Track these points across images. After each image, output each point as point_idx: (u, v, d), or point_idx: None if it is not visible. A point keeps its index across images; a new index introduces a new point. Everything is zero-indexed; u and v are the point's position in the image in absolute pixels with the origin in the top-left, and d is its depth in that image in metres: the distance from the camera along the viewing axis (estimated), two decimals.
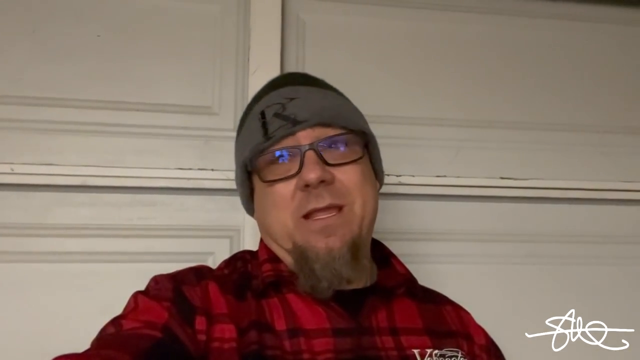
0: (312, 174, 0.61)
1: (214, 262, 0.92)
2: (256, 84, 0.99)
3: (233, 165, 0.97)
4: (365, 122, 0.71)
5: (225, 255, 0.96)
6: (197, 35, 1.03)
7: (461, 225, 1.06)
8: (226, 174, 0.97)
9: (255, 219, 0.74)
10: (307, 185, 0.61)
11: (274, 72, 1.00)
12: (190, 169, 0.97)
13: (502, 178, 1.07)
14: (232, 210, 0.98)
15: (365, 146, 0.68)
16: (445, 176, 1.05)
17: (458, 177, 1.06)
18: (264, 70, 1.00)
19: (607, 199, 1.10)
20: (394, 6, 1.11)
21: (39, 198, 0.94)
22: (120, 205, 0.96)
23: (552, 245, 1.09)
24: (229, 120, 1.01)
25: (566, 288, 1.06)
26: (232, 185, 0.96)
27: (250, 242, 0.95)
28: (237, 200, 0.97)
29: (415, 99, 1.08)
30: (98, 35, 0.99)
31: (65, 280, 0.92)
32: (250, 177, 0.70)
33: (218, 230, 0.98)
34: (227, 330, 0.60)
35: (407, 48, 1.11)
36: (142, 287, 0.63)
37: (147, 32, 1.01)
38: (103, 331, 0.57)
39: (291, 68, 1.04)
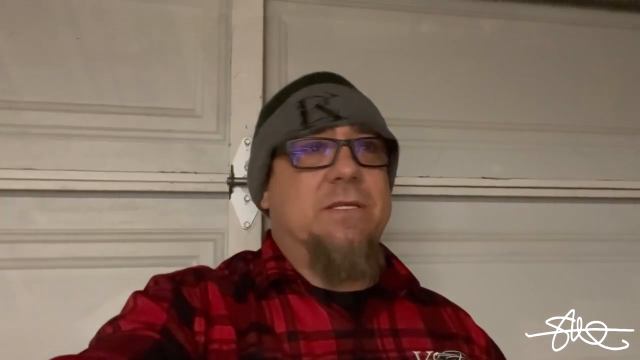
0: (347, 168, 0.62)
1: None
2: (238, 86, 1.00)
3: (215, 168, 0.98)
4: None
5: (209, 258, 0.96)
6: (178, 37, 1.02)
7: (444, 225, 1.07)
8: (209, 176, 0.96)
9: (268, 206, 0.74)
10: (338, 178, 0.63)
11: (256, 75, 1.00)
12: (172, 172, 0.96)
13: (483, 178, 1.09)
14: (216, 214, 0.98)
15: (388, 155, 0.71)
16: (428, 176, 1.06)
17: (441, 177, 1.07)
18: (246, 72, 1.00)
19: (587, 197, 1.12)
20: (375, 9, 1.12)
21: (17, 203, 0.92)
22: (102, 209, 0.94)
23: (535, 243, 1.10)
24: (212, 122, 1.01)
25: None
26: (216, 188, 0.97)
27: (234, 245, 0.94)
28: (220, 203, 0.98)
29: (397, 100, 1.08)
30: (77, 38, 0.98)
31: (46, 287, 0.90)
32: (270, 164, 0.70)
33: (202, 234, 0.97)
34: (226, 332, 0.60)
35: (389, 50, 1.11)
36: (125, 293, 0.62)
37: (127, 34, 1.00)
38: (101, 332, 0.57)
39: (274, 71, 1.04)
